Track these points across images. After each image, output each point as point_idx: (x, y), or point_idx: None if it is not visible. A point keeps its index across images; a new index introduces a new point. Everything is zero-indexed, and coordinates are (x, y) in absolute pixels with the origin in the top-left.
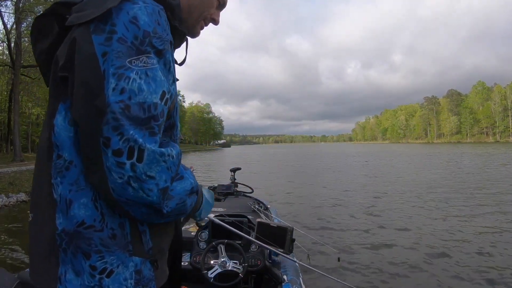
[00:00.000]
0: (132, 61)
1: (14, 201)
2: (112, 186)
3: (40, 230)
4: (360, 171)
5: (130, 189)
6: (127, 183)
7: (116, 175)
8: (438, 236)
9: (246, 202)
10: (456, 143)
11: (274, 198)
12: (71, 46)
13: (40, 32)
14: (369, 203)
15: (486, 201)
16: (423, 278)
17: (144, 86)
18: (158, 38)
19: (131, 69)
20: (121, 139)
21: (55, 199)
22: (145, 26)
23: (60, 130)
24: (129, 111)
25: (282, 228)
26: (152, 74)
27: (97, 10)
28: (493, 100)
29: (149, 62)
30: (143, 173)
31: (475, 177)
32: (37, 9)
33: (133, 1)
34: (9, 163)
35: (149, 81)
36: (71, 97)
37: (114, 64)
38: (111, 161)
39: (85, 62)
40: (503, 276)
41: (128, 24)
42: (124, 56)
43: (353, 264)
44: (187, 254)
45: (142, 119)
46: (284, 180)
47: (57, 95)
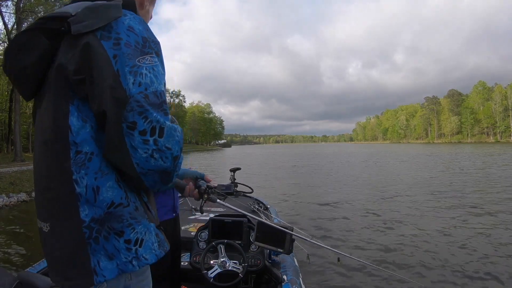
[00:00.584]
0: (140, 60)
1: (15, 201)
2: (137, 162)
3: (61, 235)
4: (361, 172)
5: (153, 160)
6: (151, 156)
7: (142, 151)
8: (439, 236)
9: (246, 202)
10: (456, 143)
11: (274, 198)
12: (84, 51)
13: (23, 48)
14: (369, 204)
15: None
16: (423, 278)
17: (154, 78)
18: (153, 42)
19: (141, 67)
20: (146, 121)
21: (79, 193)
22: (141, 33)
23: (78, 129)
24: (148, 99)
25: (282, 228)
26: (157, 69)
27: (99, 21)
28: (494, 100)
29: (153, 60)
30: (163, 145)
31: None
32: (38, 9)
33: (123, 13)
34: (10, 163)
35: (156, 74)
36: (92, 94)
37: (128, 64)
38: (137, 140)
39: (102, 63)
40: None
41: (128, 32)
42: (133, 57)
43: (353, 264)
44: (187, 254)
45: (158, 104)
46: (284, 180)
47: (66, 98)
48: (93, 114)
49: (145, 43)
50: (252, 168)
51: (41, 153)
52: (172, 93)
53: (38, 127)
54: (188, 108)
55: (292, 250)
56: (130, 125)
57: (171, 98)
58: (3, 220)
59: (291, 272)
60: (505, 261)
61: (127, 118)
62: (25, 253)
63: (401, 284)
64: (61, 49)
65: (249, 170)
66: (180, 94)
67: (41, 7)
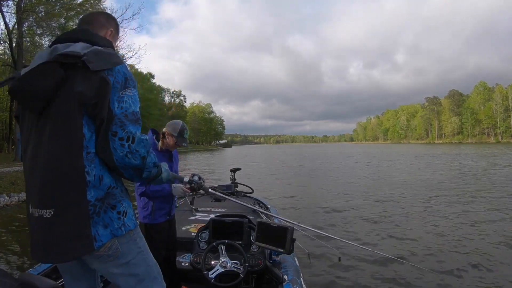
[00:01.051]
0: (123, 92)
1: (16, 201)
2: (117, 159)
3: (67, 216)
4: (361, 172)
5: (127, 159)
6: (126, 156)
7: (120, 151)
8: (439, 237)
9: (247, 202)
10: (457, 143)
11: (274, 198)
12: (101, 83)
13: (43, 74)
14: (370, 204)
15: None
16: (423, 279)
17: (132, 104)
18: (131, 80)
19: (124, 96)
20: (123, 131)
21: (88, 181)
22: (125, 74)
23: (89, 137)
24: (127, 116)
25: (282, 228)
26: (134, 97)
27: (108, 64)
28: (495, 101)
29: (132, 92)
30: (134, 148)
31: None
32: (39, 9)
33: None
34: (11, 163)
35: (133, 101)
36: (101, 114)
37: (116, 94)
38: (117, 143)
39: (109, 93)
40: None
41: (118, 73)
42: (119, 90)
43: (353, 264)
44: (188, 254)
45: (134, 119)
46: (284, 180)
47: (80, 115)
48: (94, 127)
49: (127, 81)
50: (253, 168)
51: (53, 154)
52: (172, 93)
53: (44, 134)
54: (188, 108)
55: (293, 250)
56: (113, 133)
57: (172, 98)
58: (4, 220)
59: (292, 272)
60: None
61: (111, 128)
62: (26, 255)
63: (400, 284)
64: (77, 79)
65: (250, 170)
66: (181, 94)
67: (42, 7)
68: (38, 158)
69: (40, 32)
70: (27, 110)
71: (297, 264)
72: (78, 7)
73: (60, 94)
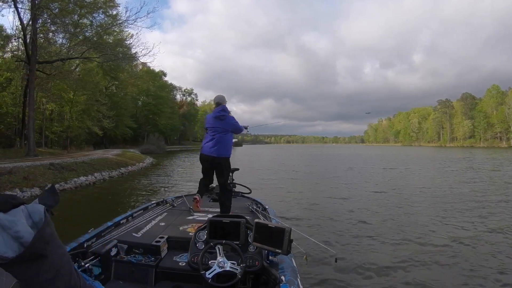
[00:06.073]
0: None
1: (28, 196)
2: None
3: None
4: (362, 173)
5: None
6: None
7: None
8: (437, 238)
9: (244, 203)
10: (469, 147)
11: (274, 198)
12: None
13: None
14: (369, 206)
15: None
16: (422, 280)
17: None
18: None
19: None
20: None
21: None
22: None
23: None
24: None
25: (280, 229)
26: None
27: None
28: (507, 104)
29: None
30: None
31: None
32: (53, 6)
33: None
34: (23, 158)
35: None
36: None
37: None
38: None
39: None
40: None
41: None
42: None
43: (350, 265)
44: (185, 254)
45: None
46: (284, 180)
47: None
48: None
49: None
50: (256, 167)
51: None
52: (184, 91)
53: None
54: (200, 106)
55: (290, 250)
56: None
57: (184, 96)
58: None
59: (289, 273)
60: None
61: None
62: None
63: (398, 284)
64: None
65: (254, 170)
66: (192, 93)
67: (56, 4)
68: None
69: (54, 28)
70: None
71: (294, 265)
72: (91, 5)
73: None
